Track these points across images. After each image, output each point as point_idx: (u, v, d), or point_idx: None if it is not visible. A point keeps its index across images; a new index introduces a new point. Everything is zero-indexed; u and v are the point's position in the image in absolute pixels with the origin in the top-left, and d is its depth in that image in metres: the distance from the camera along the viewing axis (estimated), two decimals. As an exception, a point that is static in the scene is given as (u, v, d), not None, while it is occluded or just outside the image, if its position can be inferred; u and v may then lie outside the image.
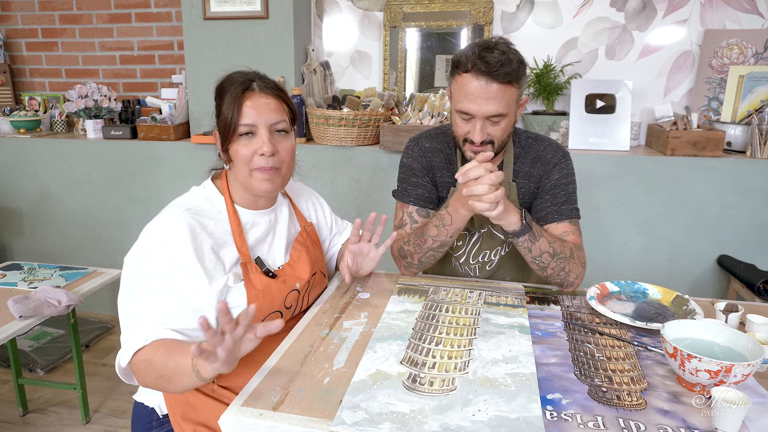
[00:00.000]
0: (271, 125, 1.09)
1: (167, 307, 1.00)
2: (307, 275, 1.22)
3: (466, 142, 1.29)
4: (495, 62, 1.17)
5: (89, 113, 2.78)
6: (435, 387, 0.90)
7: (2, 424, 2.05)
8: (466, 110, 1.24)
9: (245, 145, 1.08)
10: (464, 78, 1.22)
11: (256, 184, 1.10)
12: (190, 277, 1.02)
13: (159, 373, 0.95)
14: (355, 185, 2.45)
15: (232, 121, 1.07)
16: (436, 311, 1.19)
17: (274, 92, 1.11)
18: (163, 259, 1.01)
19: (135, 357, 0.98)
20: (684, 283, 2.23)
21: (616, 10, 2.41)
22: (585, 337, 1.09)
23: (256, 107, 1.07)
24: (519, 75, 1.22)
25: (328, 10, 2.70)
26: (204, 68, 2.58)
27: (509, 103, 1.23)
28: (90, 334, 2.68)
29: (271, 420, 0.81)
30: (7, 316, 1.63)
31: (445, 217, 1.29)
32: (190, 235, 1.03)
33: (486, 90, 1.20)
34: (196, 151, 2.58)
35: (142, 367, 0.97)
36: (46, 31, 3.12)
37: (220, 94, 1.11)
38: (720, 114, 2.35)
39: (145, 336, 0.97)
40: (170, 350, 0.95)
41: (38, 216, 2.86)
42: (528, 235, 1.24)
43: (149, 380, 0.98)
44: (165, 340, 0.98)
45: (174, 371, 0.93)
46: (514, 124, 1.31)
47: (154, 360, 0.95)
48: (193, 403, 1.08)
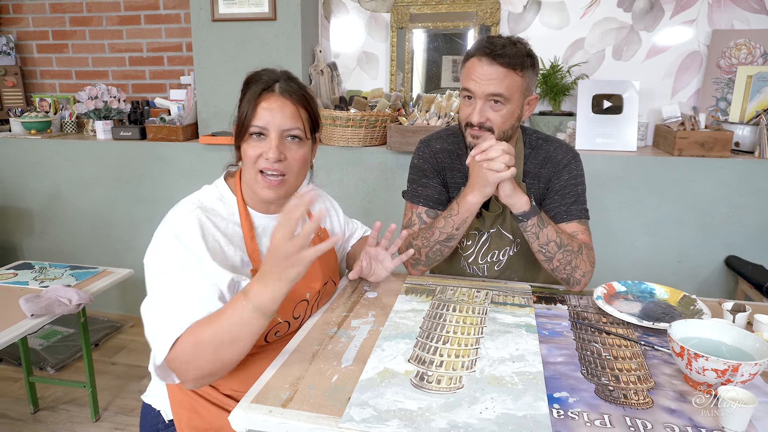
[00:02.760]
0: (283, 130, 1.06)
1: (191, 297, 0.96)
2: (319, 285, 1.20)
3: (468, 126, 1.31)
4: (499, 45, 1.23)
5: (99, 114, 2.81)
6: (442, 385, 0.90)
7: (13, 421, 2.08)
8: (467, 87, 1.28)
9: (254, 146, 1.06)
10: (470, 61, 1.28)
11: (259, 189, 1.09)
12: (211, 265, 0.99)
13: (217, 342, 0.90)
14: (363, 186, 2.46)
15: (245, 119, 1.06)
16: (444, 310, 1.20)
17: (294, 97, 1.07)
18: (177, 251, 0.99)
19: (175, 349, 0.91)
20: (691, 283, 2.23)
21: (623, 10, 2.41)
22: (592, 336, 1.10)
23: (271, 110, 1.05)
24: (524, 64, 1.25)
25: (335, 12, 2.71)
26: (212, 69, 2.60)
27: (510, 88, 1.25)
28: (99, 333, 2.71)
29: (281, 416, 0.82)
30: (19, 314, 1.66)
31: (453, 207, 1.31)
32: (201, 231, 1.02)
33: (487, 70, 1.24)
34: (204, 151, 2.60)
35: (189, 351, 0.91)
36: (56, 34, 3.15)
37: (244, 90, 1.10)
38: (728, 114, 2.34)
39: (180, 323, 0.92)
40: (215, 317, 0.91)
41: (48, 216, 2.89)
42: (536, 219, 1.26)
43: (204, 359, 0.91)
44: (202, 319, 0.93)
45: (233, 326, 0.89)
46: (518, 118, 1.31)
47: (203, 337, 0.90)
48: (198, 410, 1.07)
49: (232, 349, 0.91)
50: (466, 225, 1.32)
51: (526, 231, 1.29)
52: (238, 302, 0.90)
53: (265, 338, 1.10)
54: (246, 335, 0.91)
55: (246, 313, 0.89)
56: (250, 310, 0.89)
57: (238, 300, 0.90)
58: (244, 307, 0.89)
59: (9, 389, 2.28)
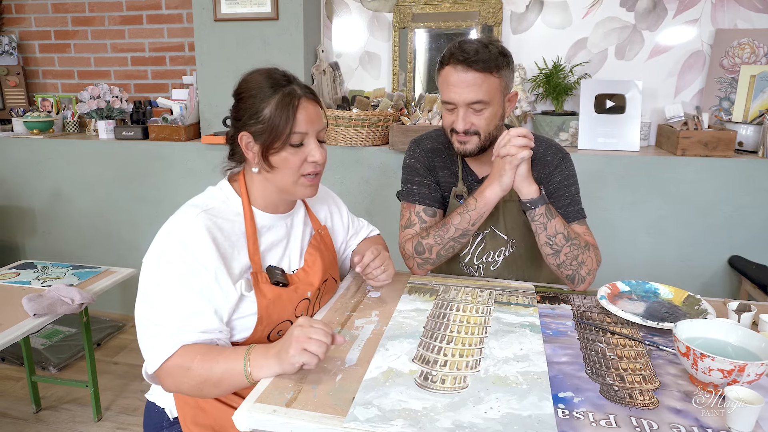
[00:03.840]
0: (318, 132, 1.09)
1: (189, 309, 0.97)
2: (318, 282, 1.19)
3: (453, 132, 1.32)
4: (472, 51, 1.23)
5: (101, 114, 2.81)
6: (447, 385, 0.90)
7: (16, 420, 2.08)
8: (448, 99, 1.29)
9: (294, 153, 1.06)
10: (445, 70, 1.28)
11: (301, 190, 1.11)
12: (213, 276, 0.99)
13: (203, 378, 0.94)
14: (365, 185, 2.46)
15: (283, 127, 1.03)
16: (447, 310, 1.20)
17: (316, 98, 1.10)
18: (181, 261, 0.98)
19: (166, 363, 0.95)
20: (695, 283, 2.22)
21: (626, 10, 2.41)
22: (596, 336, 1.09)
23: (308, 114, 1.06)
24: (499, 64, 1.25)
25: (337, 11, 2.71)
26: (214, 69, 2.60)
27: (490, 91, 1.25)
28: (101, 333, 2.71)
29: (285, 416, 0.82)
30: (22, 313, 1.65)
31: (470, 203, 1.31)
32: (209, 236, 1.01)
33: (464, 78, 1.24)
34: (206, 151, 2.60)
35: (178, 373, 0.95)
36: (58, 33, 3.15)
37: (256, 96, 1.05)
38: (731, 114, 2.33)
39: (173, 342, 0.95)
40: (210, 355, 0.95)
41: (50, 215, 2.89)
42: (545, 208, 1.26)
43: (187, 385, 0.96)
44: (197, 345, 0.96)
45: (222, 375, 0.93)
46: (501, 117, 1.32)
47: (193, 366, 0.94)
48: (204, 407, 1.07)
49: (214, 390, 0.96)
50: (481, 220, 1.33)
51: (534, 221, 1.29)
52: (237, 356, 0.93)
53: (268, 337, 1.10)
54: (229, 386, 0.95)
55: (237, 371, 0.93)
56: (242, 370, 0.92)
57: (239, 355, 0.94)
58: (238, 365, 0.93)
59: (11, 389, 2.28)
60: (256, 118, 1.05)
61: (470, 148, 1.32)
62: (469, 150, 1.32)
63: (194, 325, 0.97)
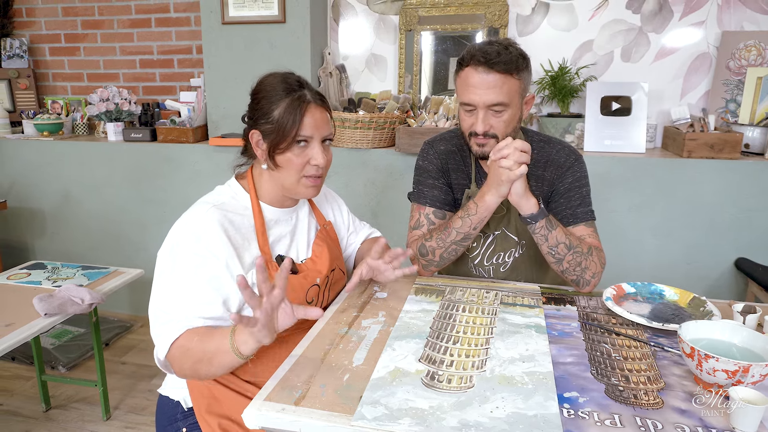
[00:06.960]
0: (324, 137, 1.14)
1: (200, 298, 1.03)
2: (326, 270, 1.25)
3: (472, 135, 1.32)
4: (493, 53, 1.22)
5: (110, 116, 2.84)
6: (453, 384, 0.91)
7: (26, 419, 2.10)
8: (468, 101, 1.28)
9: (298, 155, 1.11)
10: (465, 72, 1.27)
11: (302, 190, 1.16)
12: (224, 264, 1.05)
13: (198, 357, 0.97)
14: (371, 187, 2.47)
15: (289, 129, 1.08)
16: (453, 311, 1.21)
17: (325, 104, 1.15)
18: (194, 253, 1.04)
19: (172, 348, 1.00)
20: (701, 285, 2.22)
21: (632, 12, 2.41)
22: (601, 337, 1.10)
23: (315, 119, 1.11)
24: (519, 66, 1.25)
25: (344, 14, 2.73)
26: (222, 72, 2.62)
27: (510, 93, 1.25)
28: (110, 333, 2.74)
29: (293, 414, 0.83)
30: (33, 313, 1.68)
31: (471, 207, 1.31)
32: (221, 228, 1.07)
33: (485, 80, 1.24)
34: (214, 153, 2.62)
35: (178, 354, 1.00)
36: (68, 37, 3.19)
37: (269, 97, 1.11)
38: (738, 116, 2.33)
39: (179, 327, 1.00)
40: (207, 335, 0.98)
41: (60, 217, 2.92)
42: (545, 221, 1.26)
43: (186, 366, 1.00)
44: (199, 328, 1.01)
45: (214, 352, 0.95)
46: (519, 119, 1.32)
47: (191, 346, 0.98)
48: (217, 396, 1.11)
49: (209, 369, 0.98)
50: (482, 224, 1.33)
51: (535, 233, 1.29)
52: (224, 335, 0.95)
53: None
54: (219, 364, 0.97)
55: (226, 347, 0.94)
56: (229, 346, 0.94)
57: (227, 332, 0.96)
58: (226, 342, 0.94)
59: (21, 387, 2.31)
60: (266, 118, 1.11)
61: (489, 151, 1.30)
62: (488, 152, 1.31)
63: (201, 312, 1.02)
